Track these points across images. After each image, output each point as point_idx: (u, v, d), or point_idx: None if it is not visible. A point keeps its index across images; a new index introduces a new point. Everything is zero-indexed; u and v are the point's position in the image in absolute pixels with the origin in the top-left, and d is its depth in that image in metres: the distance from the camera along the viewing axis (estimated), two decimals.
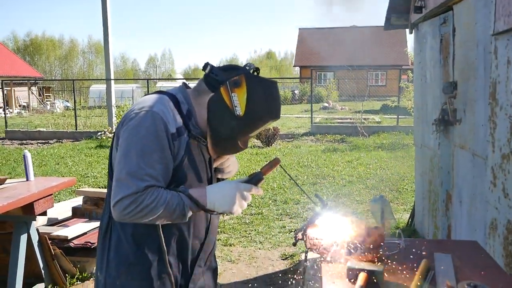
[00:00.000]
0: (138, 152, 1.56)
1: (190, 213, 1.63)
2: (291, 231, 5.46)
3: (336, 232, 1.84)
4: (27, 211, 3.55)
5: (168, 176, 1.63)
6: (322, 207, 1.88)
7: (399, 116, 15.38)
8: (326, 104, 26.84)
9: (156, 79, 45.82)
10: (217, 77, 1.66)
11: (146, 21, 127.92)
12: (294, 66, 43.93)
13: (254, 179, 1.71)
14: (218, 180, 1.91)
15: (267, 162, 1.77)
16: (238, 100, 1.64)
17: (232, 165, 1.93)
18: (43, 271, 3.87)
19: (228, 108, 1.64)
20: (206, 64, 1.70)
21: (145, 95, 1.79)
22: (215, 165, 1.83)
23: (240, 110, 1.64)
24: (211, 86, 1.67)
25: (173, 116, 1.64)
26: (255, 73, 1.71)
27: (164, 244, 1.67)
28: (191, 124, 1.68)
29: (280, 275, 4.36)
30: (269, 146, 12.59)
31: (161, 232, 1.66)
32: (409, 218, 5.51)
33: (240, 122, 1.65)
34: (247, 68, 1.69)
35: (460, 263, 1.83)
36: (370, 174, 8.65)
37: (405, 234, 4.93)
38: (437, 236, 4.21)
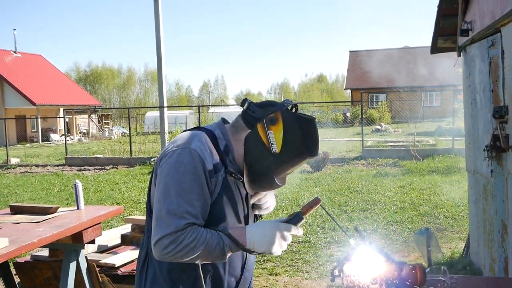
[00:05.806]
0: (177, 190, 1.57)
1: (229, 253, 1.63)
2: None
3: (375, 269, 1.78)
4: (76, 240, 3.67)
5: (206, 213, 1.63)
6: (361, 242, 1.82)
7: (455, 138, 14.79)
8: (378, 127, 26.34)
9: (207, 105, 46.84)
10: (254, 113, 1.67)
11: (200, 47, 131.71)
12: (345, 89, 43.55)
13: (294, 219, 1.68)
14: (255, 216, 1.89)
15: (307, 202, 1.74)
16: (275, 138, 1.63)
17: (270, 201, 1.91)
18: None
19: (265, 145, 1.64)
20: (244, 100, 1.72)
21: (184, 131, 1.81)
22: (252, 201, 1.82)
23: (276, 147, 1.63)
24: (248, 122, 1.68)
25: (210, 153, 1.65)
26: (293, 110, 1.71)
27: (203, 283, 1.66)
28: (228, 160, 1.69)
29: None
30: (319, 171, 12.45)
31: (200, 270, 1.65)
32: (464, 248, 5.23)
33: (276, 159, 1.64)
34: (285, 104, 1.69)
35: None
36: (423, 200, 8.33)
37: (460, 265, 4.72)
38: (494, 269, 3.96)
